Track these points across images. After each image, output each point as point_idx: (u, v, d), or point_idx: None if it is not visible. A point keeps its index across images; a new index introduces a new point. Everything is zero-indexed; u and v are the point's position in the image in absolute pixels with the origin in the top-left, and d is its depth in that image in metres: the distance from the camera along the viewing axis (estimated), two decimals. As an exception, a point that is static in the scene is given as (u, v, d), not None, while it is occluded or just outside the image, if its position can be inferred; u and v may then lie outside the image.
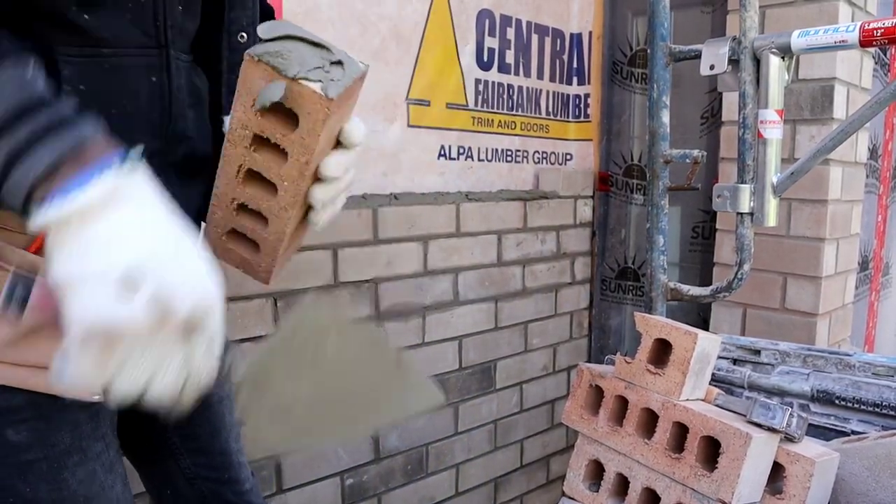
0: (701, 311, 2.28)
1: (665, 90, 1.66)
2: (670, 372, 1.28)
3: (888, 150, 2.59)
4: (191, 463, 1.11)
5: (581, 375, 1.43)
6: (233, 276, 1.50)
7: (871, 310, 2.62)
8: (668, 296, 1.70)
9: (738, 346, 1.57)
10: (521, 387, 2.27)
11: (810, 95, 1.91)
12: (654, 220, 1.71)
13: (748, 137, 1.49)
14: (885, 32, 1.28)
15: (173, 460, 1.08)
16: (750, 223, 1.51)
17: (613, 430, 1.34)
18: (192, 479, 1.11)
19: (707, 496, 1.17)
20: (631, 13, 2.41)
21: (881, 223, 2.61)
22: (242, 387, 0.86)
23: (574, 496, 1.39)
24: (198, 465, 1.11)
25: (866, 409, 1.36)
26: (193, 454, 1.11)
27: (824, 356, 1.46)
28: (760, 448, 1.15)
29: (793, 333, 1.98)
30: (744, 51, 1.47)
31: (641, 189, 2.44)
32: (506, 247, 2.13)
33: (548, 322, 2.33)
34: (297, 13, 1.63)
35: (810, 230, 1.95)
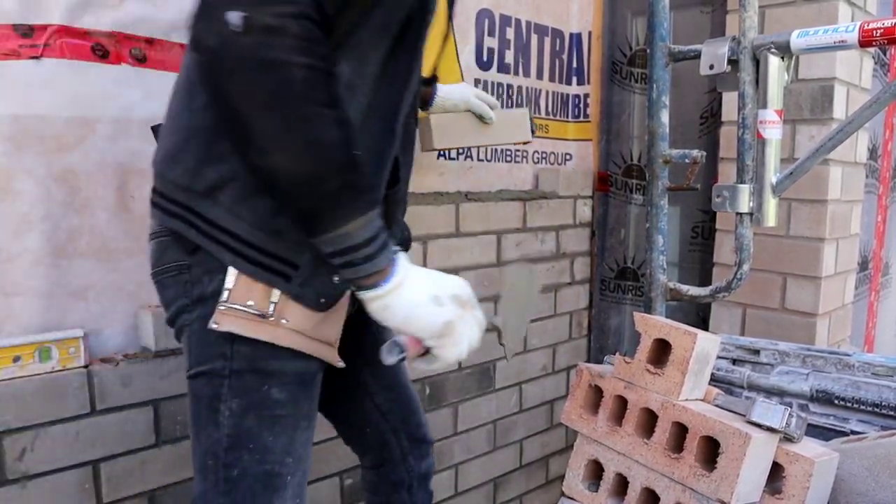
0: (700, 311, 2.28)
1: (664, 90, 1.66)
2: (670, 372, 1.28)
3: (888, 151, 2.59)
4: (383, 399, 1.34)
5: (580, 375, 1.43)
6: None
7: (871, 310, 2.62)
8: (667, 296, 1.70)
9: (737, 346, 1.57)
10: (521, 387, 2.27)
11: (810, 95, 1.91)
12: (654, 220, 1.71)
13: (748, 137, 1.48)
14: (884, 32, 1.28)
15: (369, 398, 1.30)
16: (749, 223, 1.51)
17: (613, 430, 1.34)
18: (385, 413, 1.35)
19: (706, 496, 1.17)
20: (630, 13, 2.41)
21: (881, 223, 2.61)
22: None
23: (573, 496, 1.39)
24: (389, 399, 1.34)
25: (866, 409, 1.36)
26: (385, 390, 1.34)
27: (824, 356, 1.46)
28: (760, 448, 1.15)
29: (792, 333, 1.98)
30: (743, 51, 1.47)
31: (641, 189, 2.44)
32: (505, 247, 2.13)
33: (547, 322, 2.32)
34: (297, 13, 1.63)
35: (810, 230, 1.95)
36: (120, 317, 1.43)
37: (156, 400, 1.41)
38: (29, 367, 1.27)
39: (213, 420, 1.02)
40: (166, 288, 1.06)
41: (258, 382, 1.02)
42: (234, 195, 0.97)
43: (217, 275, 1.00)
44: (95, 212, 1.37)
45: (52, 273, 1.33)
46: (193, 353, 1.03)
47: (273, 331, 1.00)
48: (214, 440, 1.03)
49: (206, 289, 1.01)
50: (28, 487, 1.27)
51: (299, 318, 1.01)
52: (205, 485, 1.05)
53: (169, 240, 1.04)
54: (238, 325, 0.99)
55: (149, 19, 1.40)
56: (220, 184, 0.97)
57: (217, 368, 1.01)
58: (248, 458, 1.03)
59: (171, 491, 1.45)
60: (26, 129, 1.28)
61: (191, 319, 1.03)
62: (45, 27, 1.28)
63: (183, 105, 1.01)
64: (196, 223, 0.99)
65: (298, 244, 0.99)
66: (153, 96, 1.41)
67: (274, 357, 1.02)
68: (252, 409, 1.02)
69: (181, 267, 1.03)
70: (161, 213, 1.03)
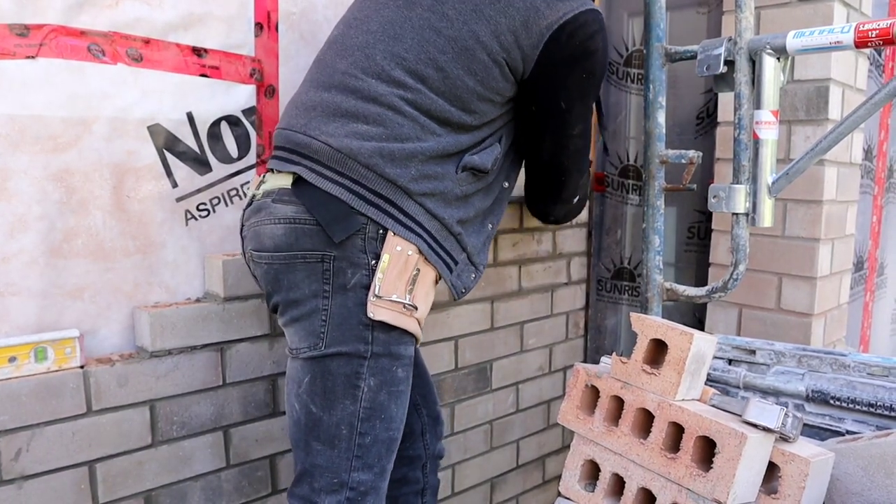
0: (696, 312, 2.29)
1: (661, 91, 1.67)
2: (666, 372, 1.28)
3: (883, 151, 2.60)
4: (416, 394, 1.47)
5: (577, 376, 1.43)
6: (230, 277, 1.50)
7: (866, 310, 2.63)
8: (663, 296, 1.71)
9: (733, 346, 1.57)
10: (517, 387, 2.27)
11: (805, 96, 1.92)
12: (650, 221, 1.71)
13: (744, 138, 1.49)
14: (879, 34, 1.29)
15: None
16: (745, 223, 1.51)
17: (609, 430, 1.34)
18: (416, 405, 1.49)
19: (702, 496, 1.17)
20: (627, 14, 2.41)
21: (876, 224, 2.62)
22: None
23: (570, 496, 1.39)
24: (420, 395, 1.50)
25: (861, 409, 1.37)
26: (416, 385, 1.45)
27: (819, 356, 1.46)
28: (756, 448, 1.16)
29: (788, 334, 1.98)
30: (739, 52, 1.47)
31: (637, 189, 2.44)
32: (502, 247, 2.13)
33: (544, 322, 2.33)
34: (293, 13, 1.63)
35: (805, 231, 1.96)
36: (116, 317, 1.43)
37: (152, 400, 1.41)
38: (25, 367, 1.26)
39: (352, 395, 1.21)
40: (294, 271, 1.21)
41: (391, 364, 1.23)
42: (437, 204, 1.25)
43: (360, 270, 1.20)
44: (91, 212, 1.37)
45: (48, 273, 1.33)
46: (330, 336, 1.20)
47: (409, 320, 1.23)
48: (350, 412, 1.21)
49: (348, 279, 1.19)
50: (24, 488, 1.27)
51: (423, 310, 1.26)
52: (333, 452, 1.22)
53: (310, 228, 1.19)
54: (390, 316, 1.20)
55: (145, 19, 1.39)
56: (430, 193, 1.24)
57: (360, 350, 1.20)
58: (380, 427, 1.24)
59: (167, 491, 1.45)
60: (22, 128, 1.27)
61: (328, 305, 1.20)
62: (41, 27, 1.27)
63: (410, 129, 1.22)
64: (394, 214, 1.21)
65: (463, 248, 1.32)
66: (149, 96, 1.41)
67: (402, 342, 1.25)
68: (385, 386, 1.23)
69: (323, 256, 1.19)
70: (354, 198, 1.19)
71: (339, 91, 1.25)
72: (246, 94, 1.57)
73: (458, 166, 1.27)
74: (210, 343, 1.48)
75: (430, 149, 1.23)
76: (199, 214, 1.53)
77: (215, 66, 1.51)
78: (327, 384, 1.21)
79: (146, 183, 1.44)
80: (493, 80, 1.26)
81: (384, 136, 1.21)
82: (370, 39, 1.26)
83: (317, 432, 1.23)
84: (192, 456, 1.48)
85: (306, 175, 1.22)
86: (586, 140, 1.48)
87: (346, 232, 1.18)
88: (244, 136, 1.58)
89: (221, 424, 1.52)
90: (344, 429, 1.22)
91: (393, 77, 1.22)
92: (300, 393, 1.24)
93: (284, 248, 1.21)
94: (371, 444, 1.23)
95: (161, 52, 1.42)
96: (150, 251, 1.46)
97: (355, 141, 1.20)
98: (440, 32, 1.23)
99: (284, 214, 1.22)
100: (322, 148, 1.22)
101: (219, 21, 1.50)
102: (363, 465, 1.23)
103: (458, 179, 1.28)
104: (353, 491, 1.23)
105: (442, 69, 1.22)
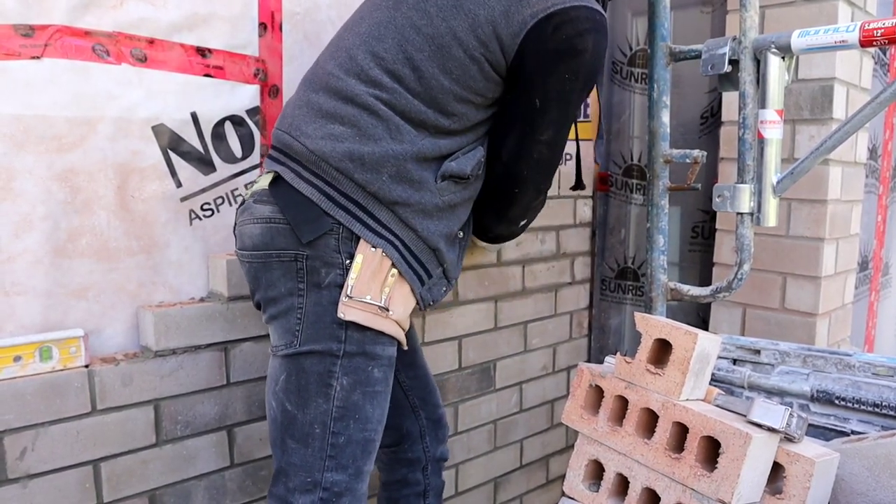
0: (701, 312, 2.28)
1: (665, 90, 1.66)
2: (670, 372, 1.28)
3: (888, 151, 2.59)
4: (405, 376, 1.48)
5: (581, 375, 1.43)
6: (234, 277, 1.50)
7: (871, 310, 2.62)
8: (667, 296, 1.70)
9: (737, 346, 1.57)
10: (521, 387, 2.27)
11: (810, 95, 1.91)
12: (654, 220, 1.71)
13: (748, 137, 1.49)
14: (884, 33, 1.28)
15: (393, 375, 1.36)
16: (750, 223, 1.51)
17: (613, 430, 1.34)
18: (407, 390, 1.49)
19: (707, 496, 1.17)
20: (631, 13, 2.41)
21: (881, 223, 2.61)
22: None
23: (574, 496, 1.39)
24: (410, 377, 1.48)
25: (866, 409, 1.36)
26: (406, 368, 1.48)
27: (824, 356, 1.46)
28: (760, 448, 1.15)
29: (792, 333, 1.98)
30: (744, 51, 1.47)
31: (641, 189, 2.44)
32: (505, 246, 2.13)
33: (547, 322, 2.32)
34: (297, 13, 1.63)
35: (810, 230, 1.95)
36: (120, 316, 1.43)
37: (156, 399, 1.41)
38: (30, 366, 1.27)
39: (324, 393, 1.21)
40: (271, 270, 1.22)
41: (365, 363, 1.22)
42: (411, 213, 1.22)
43: (333, 269, 1.19)
44: (96, 211, 1.37)
45: (53, 273, 1.33)
46: (304, 333, 1.20)
47: (384, 322, 1.22)
48: (323, 411, 1.21)
49: (322, 279, 1.19)
50: (29, 487, 1.27)
51: (399, 312, 1.24)
52: (307, 451, 1.21)
53: (284, 228, 1.20)
54: (362, 317, 1.19)
55: (150, 19, 1.40)
56: (402, 202, 1.21)
57: (332, 349, 1.20)
58: (354, 427, 1.22)
59: (171, 490, 1.45)
60: (27, 128, 1.28)
61: (303, 303, 1.20)
62: (46, 27, 1.28)
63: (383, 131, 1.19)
64: (364, 220, 1.20)
65: (440, 263, 1.30)
66: (154, 96, 1.42)
67: (378, 343, 1.23)
68: (359, 386, 1.22)
69: (296, 255, 1.20)
70: (326, 201, 1.19)
71: (324, 92, 1.25)
72: (250, 94, 1.57)
73: (438, 175, 1.23)
74: (214, 342, 1.49)
75: (405, 152, 1.19)
76: (203, 214, 1.53)
77: (219, 66, 1.51)
78: (301, 382, 1.21)
79: (150, 183, 1.44)
80: (470, 80, 1.20)
81: (356, 138, 1.19)
82: (357, 41, 1.25)
83: (291, 430, 1.23)
84: (196, 455, 1.49)
85: (285, 175, 1.23)
86: (554, 153, 1.33)
87: (315, 233, 1.18)
88: (248, 136, 1.58)
89: (225, 424, 1.53)
90: (317, 427, 1.21)
91: (370, 76, 1.20)
92: (277, 391, 1.24)
93: (261, 247, 1.22)
94: (345, 445, 1.22)
95: (165, 52, 1.42)
96: (154, 251, 1.46)
97: (328, 143, 1.20)
98: (420, 30, 1.19)
99: (262, 214, 1.23)
100: (300, 149, 1.23)
101: (223, 21, 1.50)
102: (337, 465, 1.22)
103: (438, 189, 1.23)
104: (326, 491, 1.22)
105: (417, 68, 1.19)
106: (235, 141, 1.56)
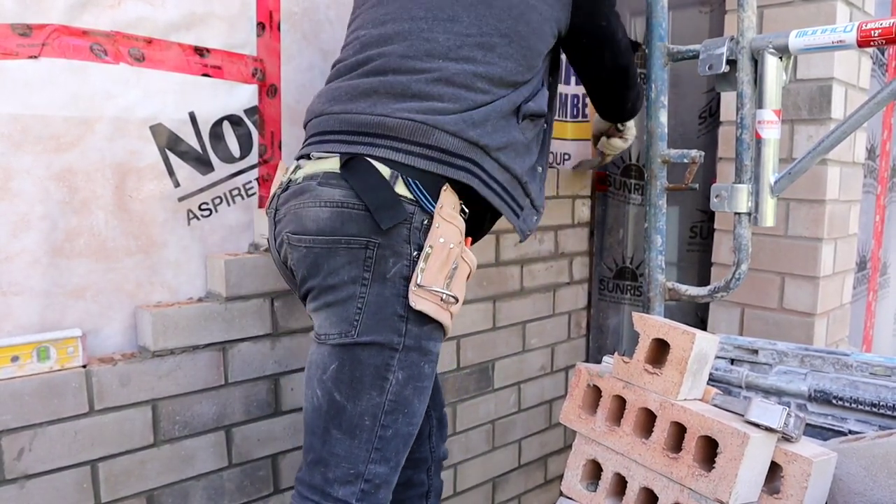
0: (699, 311, 2.28)
1: (663, 90, 1.67)
2: (668, 372, 1.28)
3: (886, 151, 2.59)
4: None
5: (579, 375, 1.43)
6: (232, 277, 1.50)
7: (869, 310, 2.63)
8: (666, 296, 1.70)
9: (735, 345, 1.57)
10: (519, 387, 2.27)
11: (808, 95, 1.92)
12: (653, 220, 1.71)
13: (746, 137, 1.49)
14: (882, 33, 1.29)
15: None
16: (748, 223, 1.51)
17: (611, 430, 1.34)
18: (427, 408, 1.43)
19: (705, 496, 1.17)
20: (629, 13, 2.41)
21: (879, 223, 2.61)
22: None
23: (572, 496, 1.39)
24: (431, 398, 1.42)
25: (864, 408, 1.37)
26: None
27: (822, 356, 1.46)
28: (758, 448, 1.16)
29: (790, 333, 1.98)
30: (742, 51, 1.47)
31: (639, 189, 2.44)
32: (503, 246, 2.13)
33: (546, 322, 2.32)
34: (295, 13, 1.63)
35: (808, 230, 1.95)
36: (118, 316, 1.43)
37: (154, 399, 1.41)
38: (27, 366, 1.26)
39: (379, 386, 1.20)
40: (335, 256, 1.19)
41: (419, 358, 1.23)
42: (509, 156, 1.30)
43: (401, 259, 1.19)
44: (94, 211, 1.37)
45: (51, 273, 1.33)
46: (363, 324, 1.18)
47: (444, 314, 1.22)
48: (375, 403, 1.20)
49: (389, 268, 1.18)
50: (26, 487, 1.27)
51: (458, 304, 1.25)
52: (353, 442, 1.21)
53: (357, 213, 1.18)
54: (430, 307, 1.19)
55: (148, 19, 1.39)
56: (503, 146, 1.28)
57: (393, 342, 1.20)
58: (402, 421, 1.23)
59: (169, 490, 1.45)
60: (25, 128, 1.28)
61: (365, 292, 1.18)
62: (44, 26, 1.27)
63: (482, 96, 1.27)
64: (479, 174, 1.25)
65: (527, 194, 1.37)
66: (152, 96, 1.42)
67: (432, 338, 1.25)
68: (412, 381, 1.23)
69: (368, 243, 1.18)
70: (444, 167, 1.22)
71: (404, 74, 1.26)
72: (248, 93, 1.57)
73: (519, 116, 1.32)
74: (212, 343, 1.48)
75: (501, 106, 1.29)
76: (202, 214, 1.53)
77: (217, 65, 1.51)
78: (355, 373, 1.20)
79: (148, 183, 1.44)
80: (545, 36, 1.35)
81: (461, 109, 1.25)
82: (422, 25, 1.29)
83: (338, 420, 1.21)
84: (195, 455, 1.49)
85: (375, 152, 1.21)
86: (627, 36, 1.57)
87: (394, 220, 1.17)
88: (246, 136, 1.58)
89: (223, 424, 1.53)
90: (367, 420, 1.20)
91: (461, 55, 1.27)
92: (324, 379, 1.22)
93: (328, 232, 1.19)
94: (391, 438, 1.23)
95: (163, 51, 1.42)
96: (153, 251, 1.46)
97: (436, 115, 1.23)
98: (491, 5, 1.29)
99: (331, 197, 1.20)
100: (401, 124, 1.22)
101: (221, 21, 1.50)
102: (381, 457, 1.23)
103: (521, 128, 1.33)
104: (368, 483, 1.22)
105: (506, 35, 1.29)
106: (234, 141, 1.56)
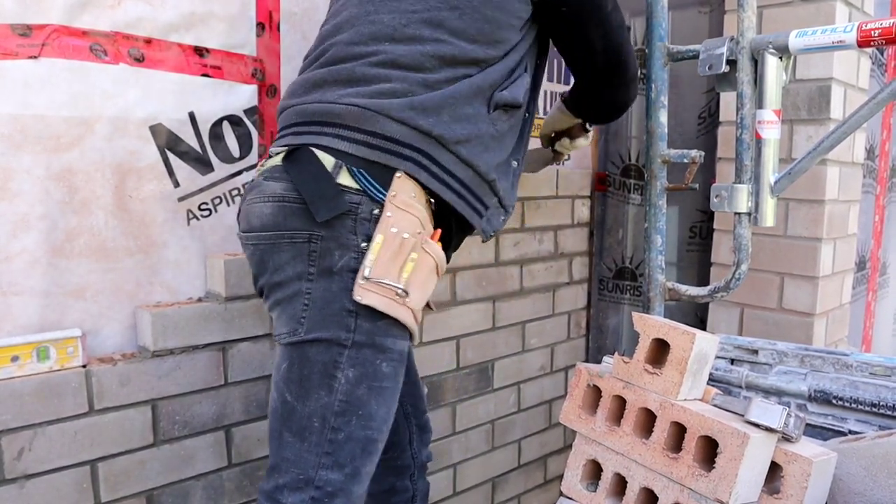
0: (698, 311, 2.29)
1: (663, 90, 1.67)
2: (668, 372, 1.28)
3: (885, 151, 2.59)
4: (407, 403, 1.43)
5: (579, 375, 1.43)
6: (232, 277, 1.50)
7: (869, 310, 2.63)
8: (665, 296, 1.70)
9: (735, 345, 1.57)
10: (519, 387, 2.27)
11: (808, 96, 1.92)
12: (652, 220, 1.71)
13: (746, 137, 1.49)
14: (882, 33, 1.29)
15: None
16: (748, 223, 1.51)
17: (611, 430, 1.34)
18: (407, 415, 1.44)
19: (705, 496, 1.17)
20: (629, 13, 2.41)
21: (878, 223, 2.61)
22: None
23: (572, 496, 1.39)
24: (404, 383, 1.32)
25: (864, 408, 1.37)
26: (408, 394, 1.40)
27: (822, 356, 1.46)
28: (758, 448, 1.16)
29: (790, 333, 1.98)
30: (741, 51, 1.47)
31: (639, 189, 2.44)
32: (503, 246, 2.13)
33: (545, 322, 2.33)
34: (295, 13, 1.63)
35: (807, 230, 1.95)
36: (118, 316, 1.43)
37: (154, 399, 1.41)
38: (27, 366, 1.26)
39: (327, 385, 1.13)
40: (280, 252, 1.14)
41: (374, 356, 1.14)
42: (473, 150, 1.19)
43: (348, 252, 1.11)
44: (94, 211, 1.37)
45: (50, 273, 1.33)
46: (310, 320, 1.12)
47: (399, 309, 1.14)
48: (324, 404, 1.13)
49: (335, 262, 1.12)
50: (26, 487, 1.27)
51: (417, 298, 1.16)
52: (302, 445, 1.13)
53: (297, 207, 1.12)
54: (379, 301, 1.11)
55: (147, 19, 1.39)
56: (464, 139, 1.18)
57: (340, 338, 1.12)
58: (355, 424, 1.14)
59: (169, 490, 1.45)
60: (24, 128, 1.28)
61: (311, 287, 1.12)
62: (44, 27, 1.27)
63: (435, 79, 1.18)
64: (428, 167, 1.16)
65: (495, 193, 1.26)
66: (151, 96, 1.41)
67: (389, 335, 1.15)
68: (365, 380, 1.14)
69: (310, 237, 1.12)
70: (389, 156, 1.14)
71: (350, 61, 1.20)
72: (248, 93, 1.57)
73: (490, 104, 1.22)
74: (212, 342, 1.48)
75: (461, 91, 1.18)
76: (201, 214, 1.53)
77: (217, 65, 1.51)
78: (303, 372, 1.14)
79: (148, 183, 1.44)
80: (509, 3, 1.22)
81: (410, 90, 1.16)
82: (368, 8, 1.22)
83: (289, 423, 1.15)
84: (194, 455, 1.49)
85: (320, 140, 1.15)
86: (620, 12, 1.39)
87: (332, 212, 1.11)
88: (246, 136, 1.58)
89: (223, 424, 1.53)
90: (316, 421, 1.13)
91: (407, 34, 1.18)
92: (278, 380, 1.17)
93: (271, 228, 1.15)
94: (344, 442, 1.14)
95: (163, 52, 1.42)
96: (152, 251, 1.46)
97: (382, 99, 1.15)
98: None
99: (273, 192, 1.15)
100: (345, 110, 1.15)
101: (220, 21, 1.50)
102: (334, 462, 1.13)
103: (491, 119, 1.22)
104: (318, 490, 1.13)
105: (455, 7, 1.19)
106: (233, 141, 1.56)
